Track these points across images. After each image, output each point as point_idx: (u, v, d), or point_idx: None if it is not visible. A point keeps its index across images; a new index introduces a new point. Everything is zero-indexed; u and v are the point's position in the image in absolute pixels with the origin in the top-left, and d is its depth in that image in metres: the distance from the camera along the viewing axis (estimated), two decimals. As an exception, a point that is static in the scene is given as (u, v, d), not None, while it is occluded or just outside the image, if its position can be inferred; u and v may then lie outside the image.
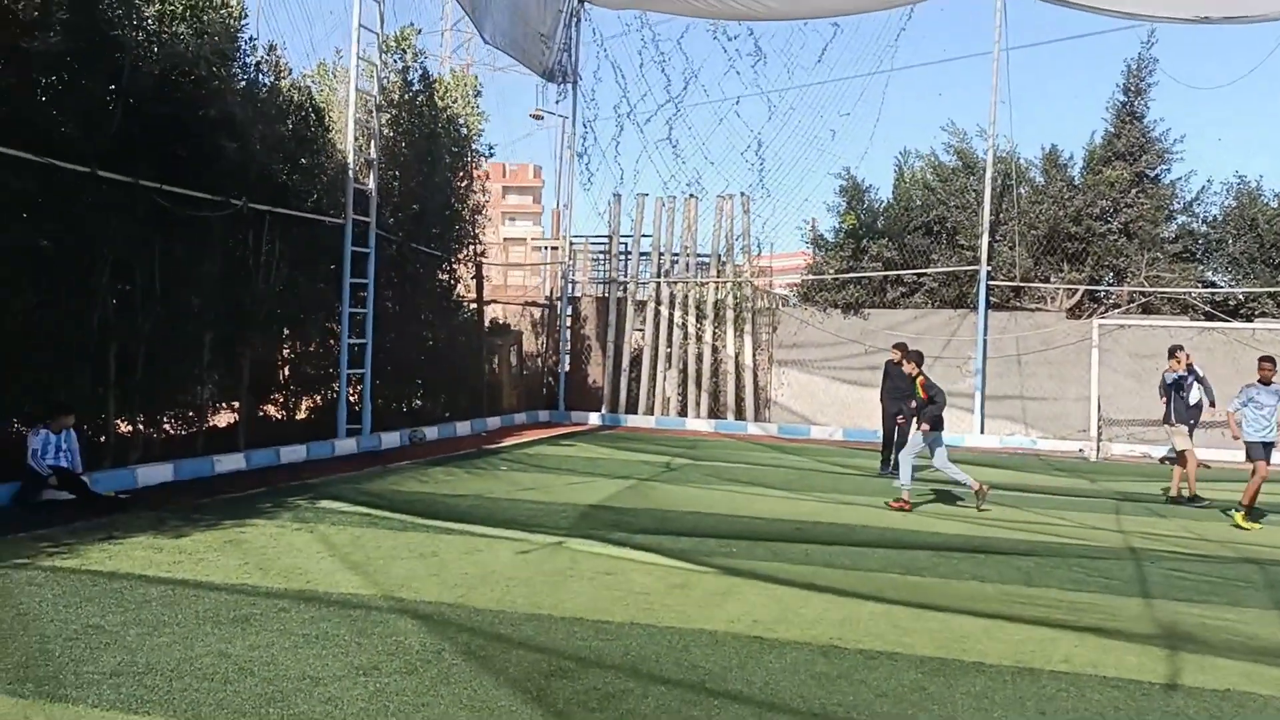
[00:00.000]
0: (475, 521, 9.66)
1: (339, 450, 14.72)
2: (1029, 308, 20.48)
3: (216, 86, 11.47)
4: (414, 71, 17.19)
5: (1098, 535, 10.12)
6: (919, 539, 9.59)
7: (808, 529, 9.99)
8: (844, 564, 8.33)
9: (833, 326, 21.48)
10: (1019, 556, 8.85)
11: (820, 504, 11.76)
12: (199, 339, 12.64)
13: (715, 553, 8.60)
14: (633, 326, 22.48)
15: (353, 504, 10.47)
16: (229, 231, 12.78)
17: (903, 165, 22.41)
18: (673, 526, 9.87)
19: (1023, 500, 12.48)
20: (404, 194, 16.93)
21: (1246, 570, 8.62)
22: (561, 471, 13.90)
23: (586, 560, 8.12)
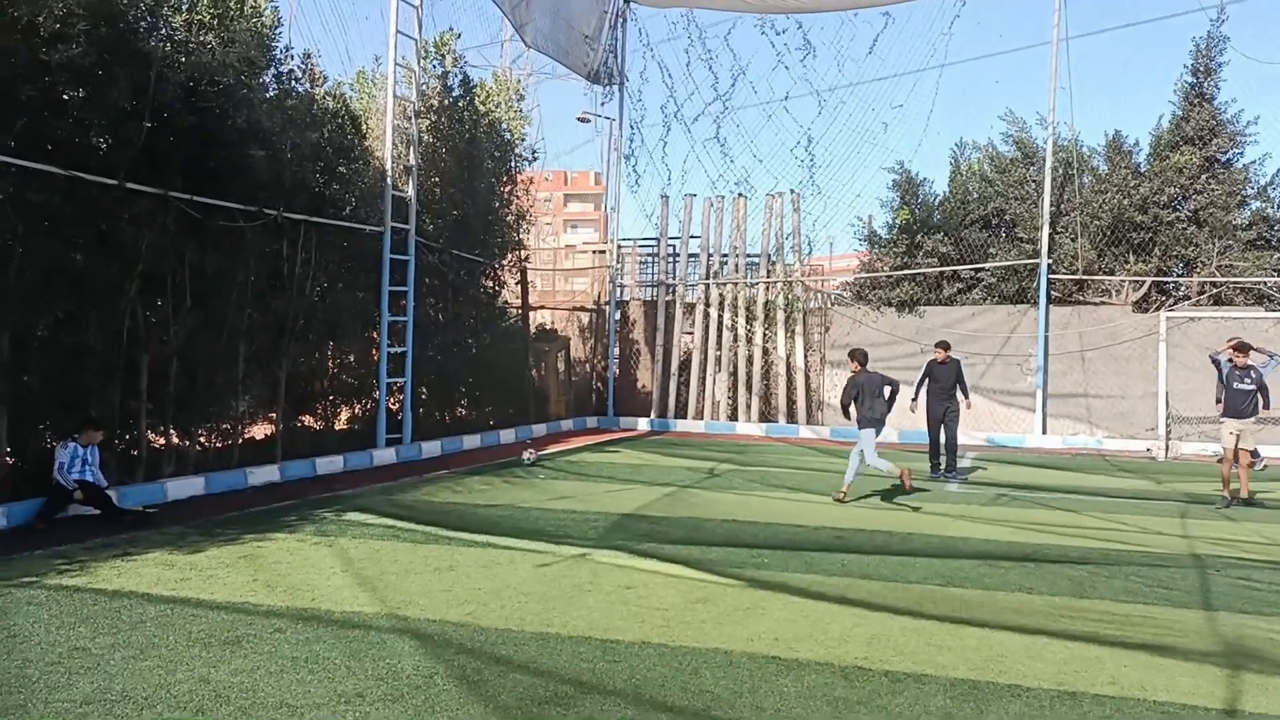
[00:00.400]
0: (501, 533, 9.37)
1: (377, 460, 14.57)
2: (1092, 301, 19.63)
3: (245, 95, 11.34)
4: (454, 76, 17.02)
5: (1160, 541, 9.47)
6: (968, 547, 9.05)
7: (849, 537, 9.51)
8: (882, 575, 7.84)
9: (887, 325, 20.84)
10: (1072, 565, 8.27)
11: (865, 510, 11.25)
12: (233, 350, 12.56)
13: (746, 564, 8.18)
14: (682, 330, 22.09)
15: (380, 516, 10.25)
16: (263, 241, 12.67)
17: (959, 157, 21.68)
18: (706, 536, 9.46)
19: (1082, 503, 11.81)
20: (444, 200, 16.76)
21: (1325, 579, 7.95)
22: (601, 479, 13.57)
23: (608, 574, 7.76)
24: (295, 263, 13.27)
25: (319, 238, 13.65)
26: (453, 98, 16.96)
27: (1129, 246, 19.33)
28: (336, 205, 14.15)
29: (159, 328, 11.55)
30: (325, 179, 13.80)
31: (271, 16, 13.10)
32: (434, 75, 16.67)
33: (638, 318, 23.03)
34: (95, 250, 10.61)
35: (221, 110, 11.11)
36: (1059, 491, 12.81)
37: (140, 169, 10.75)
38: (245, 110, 11.29)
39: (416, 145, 15.62)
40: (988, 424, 19.91)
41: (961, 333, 20.17)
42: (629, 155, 22.35)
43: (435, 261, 16.47)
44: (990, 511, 11.21)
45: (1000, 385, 20.03)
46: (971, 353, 20.11)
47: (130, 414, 11.38)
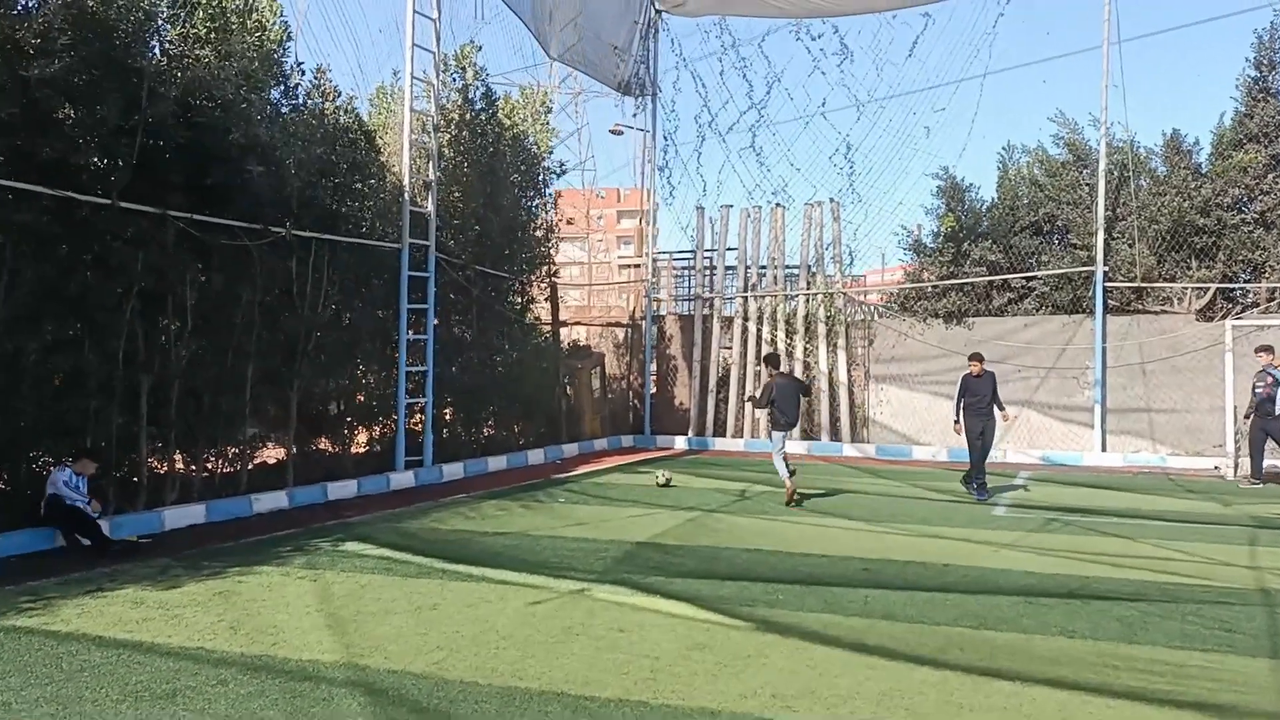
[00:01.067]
0: (501, 565, 8.75)
1: (394, 484, 14.07)
2: (1153, 310, 18.53)
3: (245, 110, 10.94)
4: (475, 90, 16.56)
5: (1224, 573, 8.54)
6: (1008, 581, 8.22)
7: (878, 569, 8.73)
8: (908, 614, 7.06)
9: (934, 338, 19.93)
10: (1122, 602, 7.41)
11: (901, 537, 10.44)
12: (241, 371, 12.14)
13: (758, 600, 7.46)
14: (720, 344, 21.37)
15: (379, 546, 9.70)
16: (271, 260, 12.26)
17: (1007, 161, 20.71)
18: (721, 568, 8.75)
19: (1141, 529, 10.86)
20: (466, 215, 16.29)
21: None
22: (625, 503, 12.91)
23: (604, 613, 7.09)
24: (306, 281, 12.84)
25: (332, 255, 13.23)
26: (474, 111, 16.50)
27: (1191, 252, 18.22)
28: (351, 222, 13.76)
29: (160, 350, 11.15)
30: (338, 195, 13.40)
31: (280, 31, 12.76)
32: (454, 89, 16.22)
33: (675, 333, 22.37)
34: (90, 271, 10.25)
35: (219, 126, 10.72)
36: (1115, 515, 11.87)
37: (137, 187, 10.40)
38: (244, 125, 10.88)
39: (436, 160, 15.16)
40: (1044, 441, 18.90)
41: (1014, 344, 19.21)
42: (663, 167, 21.78)
43: (458, 278, 15.98)
44: (1038, 539, 10.33)
45: (1056, 400, 19.00)
46: (1025, 365, 19.16)
47: (130, 439, 10.98)
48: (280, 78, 12.55)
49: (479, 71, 16.47)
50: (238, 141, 10.76)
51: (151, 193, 10.57)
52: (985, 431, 13.44)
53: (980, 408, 13.47)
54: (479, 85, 16.55)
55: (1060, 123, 20.24)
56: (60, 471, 9.59)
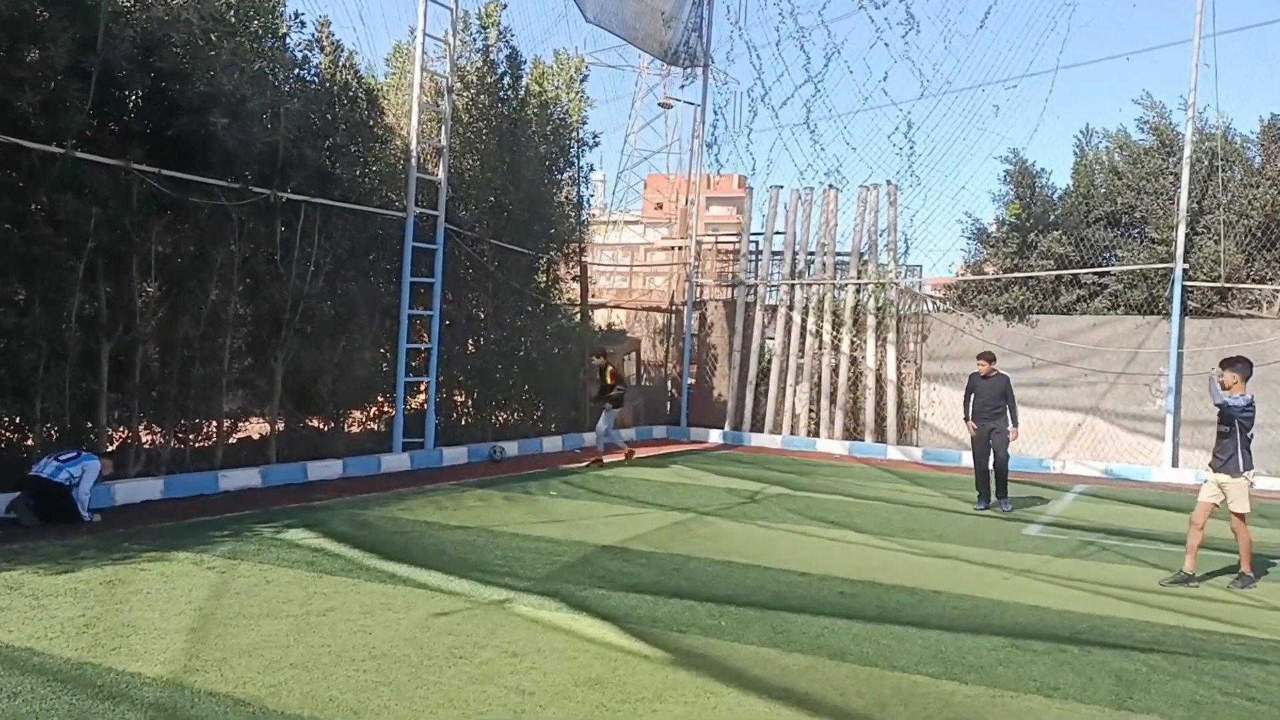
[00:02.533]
0: (437, 566, 7.84)
1: (385, 467, 13.31)
2: (1237, 314, 16.75)
3: (214, 57, 10.20)
4: (499, 51, 15.66)
5: (1272, 621, 7.18)
6: (1002, 617, 7.01)
7: (857, 593, 7.59)
8: (863, 655, 5.93)
9: (993, 335, 18.41)
10: (1130, 653, 6.15)
11: (905, 555, 9.26)
12: (216, 341, 11.49)
13: (695, 625, 6.40)
14: (763, 334, 20.17)
15: (321, 535, 8.89)
16: (254, 223, 11.56)
17: (1085, 146, 19.01)
18: (677, 582, 7.70)
19: (1179, 557, 9.45)
20: (483, 185, 15.41)
21: None
22: (618, 499, 11.93)
23: (509, 630, 6.13)
24: (294, 248, 12.12)
25: (325, 221, 12.50)
26: (497, 74, 15.59)
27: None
28: (350, 186, 12.98)
29: (122, 313, 10.52)
30: (334, 157, 12.63)
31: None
32: (474, 49, 15.34)
33: (716, 320, 21.23)
34: (39, 225, 9.62)
35: (184, 73, 9.99)
36: (1164, 542, 10.47)
37: (98, 138, 9.77)
38: (211, 75, 10.13)
39: (449, 124, 14.30)
40: (1109, 452, 17.30)
41: (1080, 345, 17.63)
42: (712, 143, 20.59)
43: (471, 251, 15.13)
44: (1062, 566, 9.03)
45: (1124, 408, 17.37)
46: (1091, 369, 17.58)
47: (87, 405, 10.38)
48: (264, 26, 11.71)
49: (503, 32, 15.55)
50: (201, 91, 10.00)
51: (114, 144, 9.93)
52: (993, 438, 12.14)
53: (984, 411, 12.18)
54: (503, 46, 15.63)
55: (1147, 105, 18.47)
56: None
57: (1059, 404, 17.78)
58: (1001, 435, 12.20)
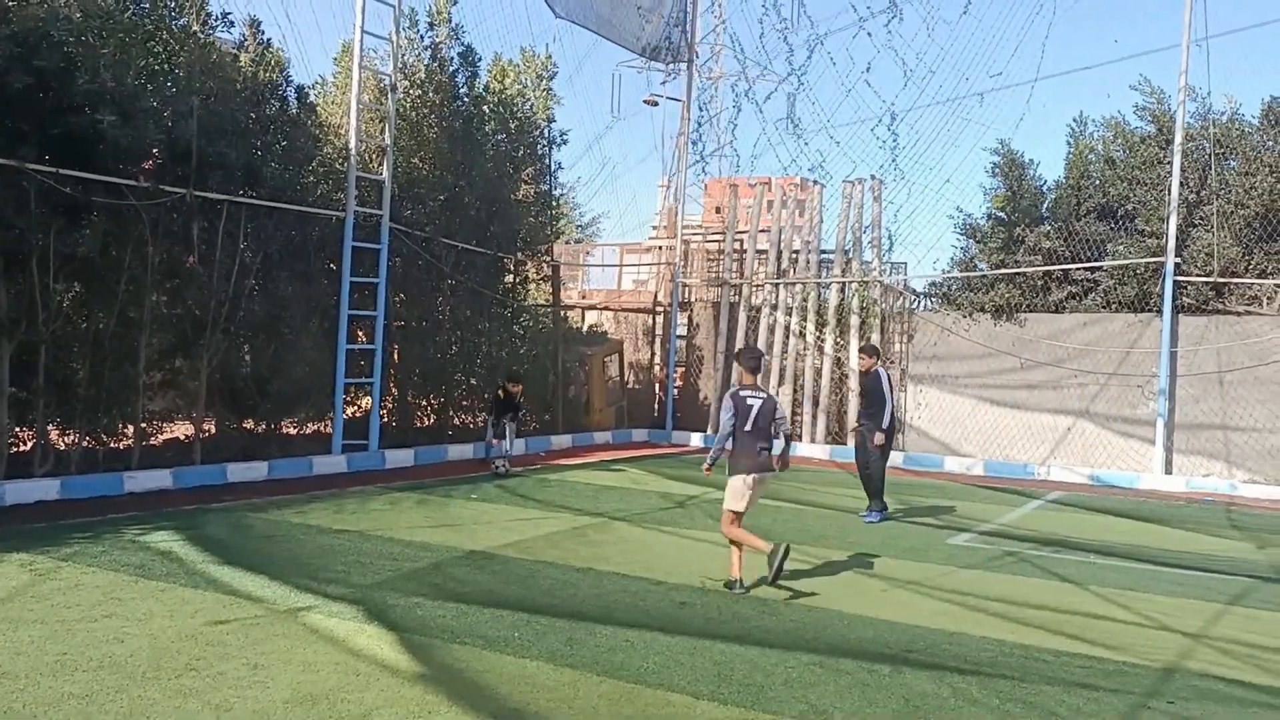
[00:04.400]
0: (269, 571, 7.52)
1: (318, 469, 13.07)
2: (1235, 310, 15.75)
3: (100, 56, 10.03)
4: (450, 49, 15.39)
5: (1147, 641, 6.49)
6: (840, 631, 6.46)
7: (698, 604, 7.11)
8: (635, 670, 5.45)
9: (981, 334, 17.64)
10: (949, 673, 5.57)
11: (791, 562, 8.69)
12: (130, 342, 11.37)
13: (485, 637, 5.97)
14: (746, 335, 19.59)
15: (185, 539, 8.64)
16: (168, 223, 11.43)
17: (1078, 134, 18.09)
18: (508, 591, 7.27)
19: (1114, 573, 8.75)
20: (433, 184, 15.14)
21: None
22: (536, 504, 11.54)
23: (276, 642, 5.76)
24: (215, 247, 11.96)
25: (252, 220, 12.34)
26: (449, 72, 15.32)
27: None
28: (283, 186, 12.81)
29: (25, 313, 10.43)
30: (262, 157, 12.47)
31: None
32: (423, 47, 15.09)
33: (703, 321, 20.70)
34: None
35: (71, 71, 9.86)
36: (1103, 554, 9.73)
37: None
38: (95, 71, 9.96)
39: (393, 123, 14.06)
40: (1100, 458, 16.42)
41: (1069, 345, 16.77)
42: (696, 140, 20.11)
43: (422, 252, 14.87)
44: (961, 578, 8.40)
45: (1116, 410, 16.46)
46: (1082, 370, 16.72)
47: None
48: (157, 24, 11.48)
49: (455, 29, 15.28)
50: (88, 89, 9.87)
51: (4, 144, 9.84)
52: (864, 440, 11.39)
53: (863, 412, 11.54)
54: (455, 44, 15.37)
55: (1145, 91, 17.51)
56: None
57: (1048, 407, 16.93)
58: (871, 442, 11.31)
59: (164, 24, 11.41)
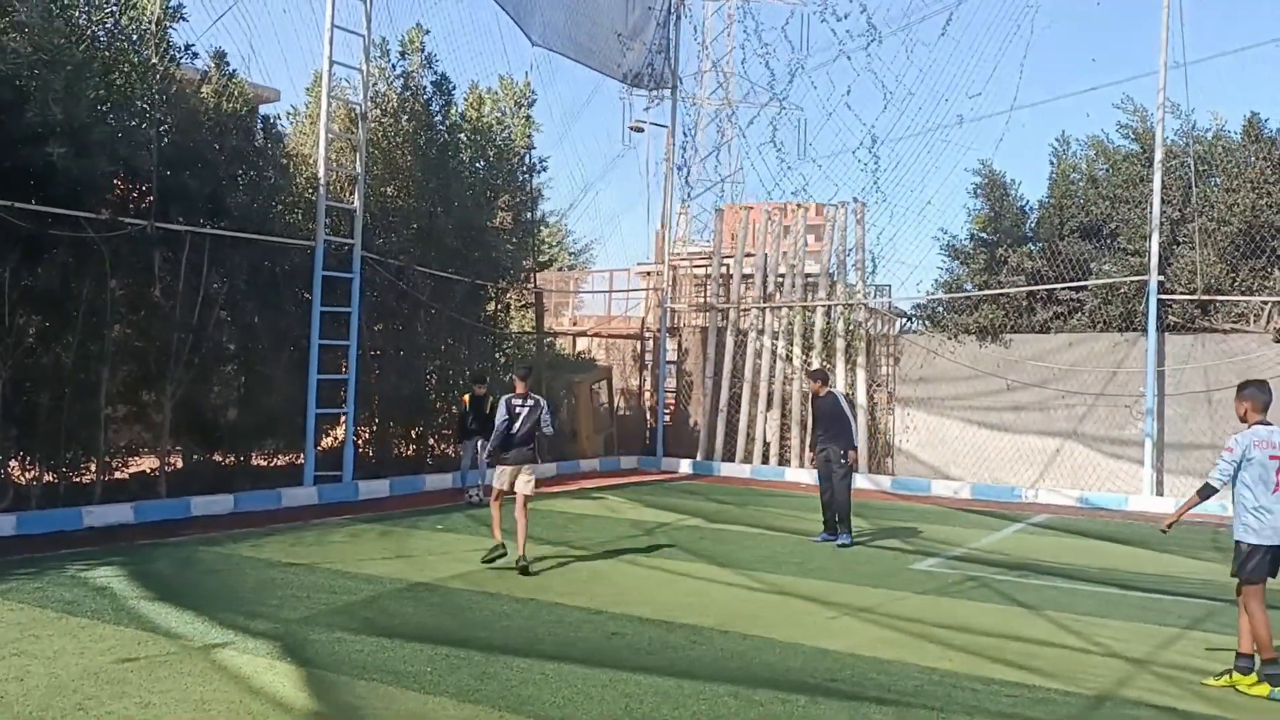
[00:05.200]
0: (198, 608, 7.35)
1: (286, 501, 12.95)
2: (1222, 328, 15.48)
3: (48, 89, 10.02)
4: (424, 77, 15.40)
5: (1085, 668, 6.26)
6: (757, 663, 6.26)
7: (629, 634, 6.94)
8: (535, 704, 5.29)
9: (967, 356, 17.41)
10: (866, 704, 5.39)
11: (741, 590, 8.59)
12: (91, 375, 11.33)
13: (396, 672, 5.81)
14: (733, 359, 19.42)
15: (123, 575, 8.52)
16: (127, 255, 11.42)
17: (1061, 154, 17.92)
18: (437, 624, 7.15)
19: (1076, 598, 8.53)
20: (408, 213, 15.11)
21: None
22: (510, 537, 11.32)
23: (178, 680, 5.63)
24: (179, 279, 11.94)
25: (217, 252, 12.31)
26: (424, 100, 15.33)
27: (1272, 259, 15.11)
28: (249, 217, 12.78)
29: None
30: (225, 187, 12.46)
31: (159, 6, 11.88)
32: (396, 76, 15.12)
33: (692, 346, 20.57)
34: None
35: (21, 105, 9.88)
36: (1070, 579, 9.49)
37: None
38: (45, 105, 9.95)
39: (364, 152, 14.07)
40: (1089, 479, 16.13)
41: (1055, 366, 16.52)
42: (682, 165, 20.06)
43: (396, 281, 14.81)
44: (913, 604, 8.18)
45: (1105, 431, 16.19)
46: (1069, 391, 16.45)
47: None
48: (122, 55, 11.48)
49: (428, 58, 15.29)
50: (35, 121, 9.86)
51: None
52: (828, 464, 11.23)
53: (819, 435, 11.42)
54: (428, 73, 15.36)
55: (1128, 109, 17.36)
56: None
57: (1036, 429, 16.67)
58: (839, 466, 11.18)
59: (124, 56, 11.42)
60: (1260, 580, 6.04)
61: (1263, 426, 6.25)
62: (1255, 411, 6.33)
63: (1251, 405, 6.33)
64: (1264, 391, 6.37)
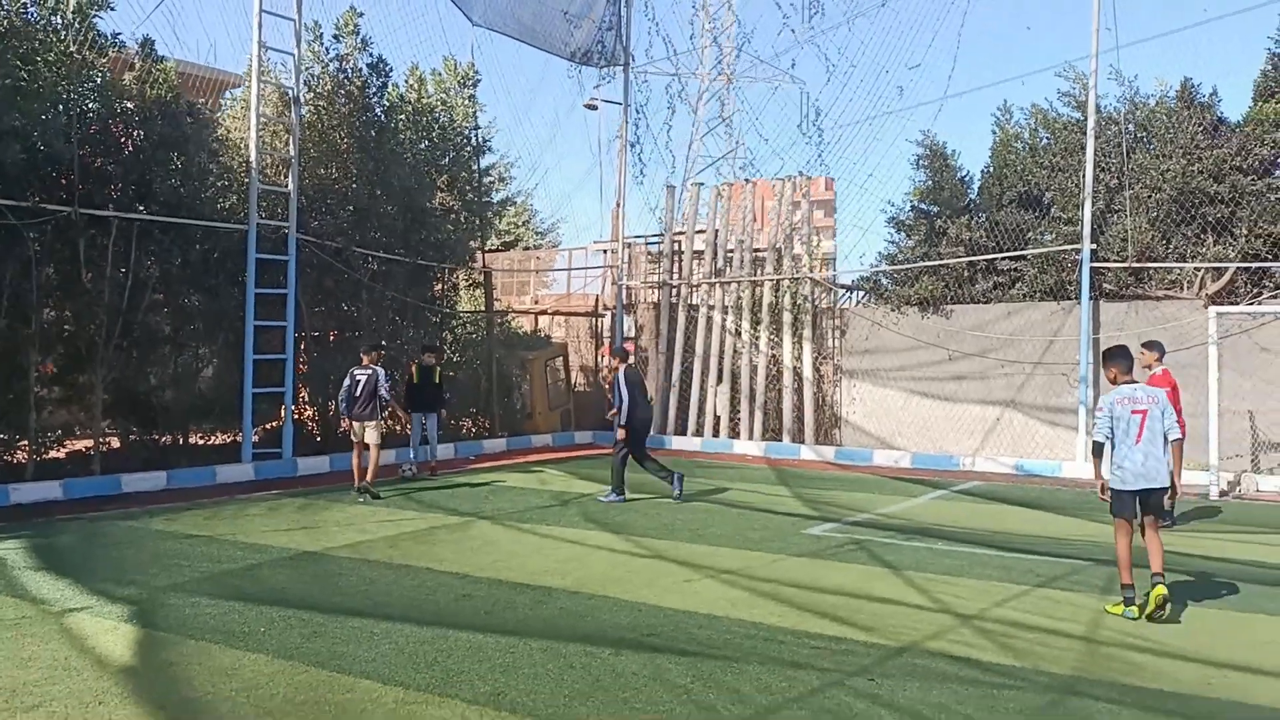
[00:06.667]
0: (79, 577, 7.65)
1: (221, 478, 13.24)
2: (1154, 295, 15.57)
3: None
4: (361, 59, 15.57)
5: (919, 623, 6.47)
6: (580, 620, 6.50)
7: (478, 596, 7.19)
8: (350, 661, 5.54)
9: (909, 327, 17.55)
10: (671, 655, 5.60)
11: (618, 555, 8.81)
12: (16, 360, 11.63)
13: (233, 633, 6.08)
14: (685, 335, 19.62)
15: (23, 547, 8.85)
16: (51, 242, 11.70)
17: (1003, 124, 17.97)
18: (297, 588, 7.40)
19: (945, 559, 8.71)
20: (343, 195, 15.33)
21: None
22: (415, 506, 11.64)
23: (14, 644, 5.92)
24: (105, 264, 12.22)
25: (144, 236, 12.58)
26: (360, 83, 15.52)
27: (1204, 225, 15.17)
28: (178, 202, 13.03)
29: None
30: (152, 173, 12.70)
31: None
32: (330, 59, 15.30)
33: (647, 323, 20.77)
34: None
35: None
36: (959, 542, 9.68)
37: None
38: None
39: (296, 135, 14.28)
40: (1028, 447, 16.29)
41: (995, 336, 16.65)
42: (634, 143, 20.19)
43: (334, 262, 15.05)
44: (782, 567, 8.39)
45: (1042, 400, 16.33)
46: (1008, 360, 16.59)
47: None
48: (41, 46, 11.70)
49: (364, 41, 15.47)
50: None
51: None
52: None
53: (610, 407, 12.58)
54: (365, 56, 15.55)
55: (1070, 77, 17.38)
56: None
57: (976, 398, 16.82)
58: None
59: (46, 46, 11.65)
60: (1124, 517, 6.91)
61: (1126, 385, 7.04)
62: (1122, 374, 7.10)
63: (1119, 369, 7.13)
64: (1127, 356, 7.17)
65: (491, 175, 27.44)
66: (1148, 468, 6.80)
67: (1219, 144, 15.08)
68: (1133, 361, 7.24)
